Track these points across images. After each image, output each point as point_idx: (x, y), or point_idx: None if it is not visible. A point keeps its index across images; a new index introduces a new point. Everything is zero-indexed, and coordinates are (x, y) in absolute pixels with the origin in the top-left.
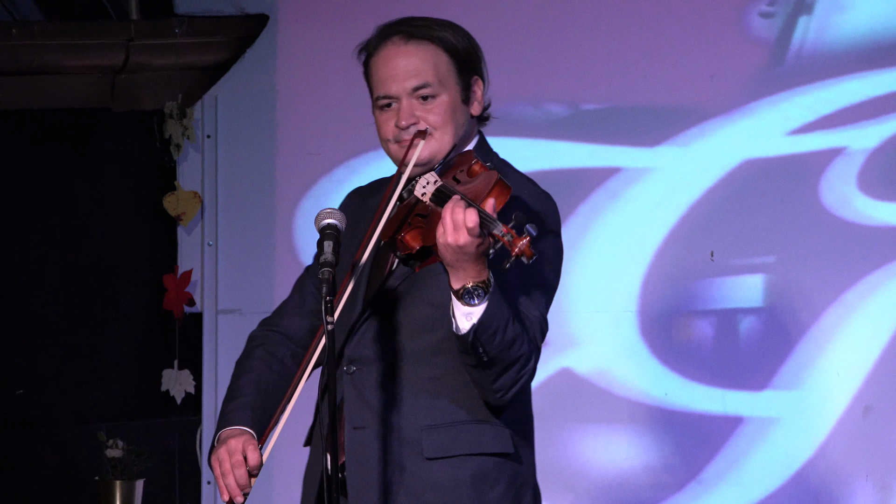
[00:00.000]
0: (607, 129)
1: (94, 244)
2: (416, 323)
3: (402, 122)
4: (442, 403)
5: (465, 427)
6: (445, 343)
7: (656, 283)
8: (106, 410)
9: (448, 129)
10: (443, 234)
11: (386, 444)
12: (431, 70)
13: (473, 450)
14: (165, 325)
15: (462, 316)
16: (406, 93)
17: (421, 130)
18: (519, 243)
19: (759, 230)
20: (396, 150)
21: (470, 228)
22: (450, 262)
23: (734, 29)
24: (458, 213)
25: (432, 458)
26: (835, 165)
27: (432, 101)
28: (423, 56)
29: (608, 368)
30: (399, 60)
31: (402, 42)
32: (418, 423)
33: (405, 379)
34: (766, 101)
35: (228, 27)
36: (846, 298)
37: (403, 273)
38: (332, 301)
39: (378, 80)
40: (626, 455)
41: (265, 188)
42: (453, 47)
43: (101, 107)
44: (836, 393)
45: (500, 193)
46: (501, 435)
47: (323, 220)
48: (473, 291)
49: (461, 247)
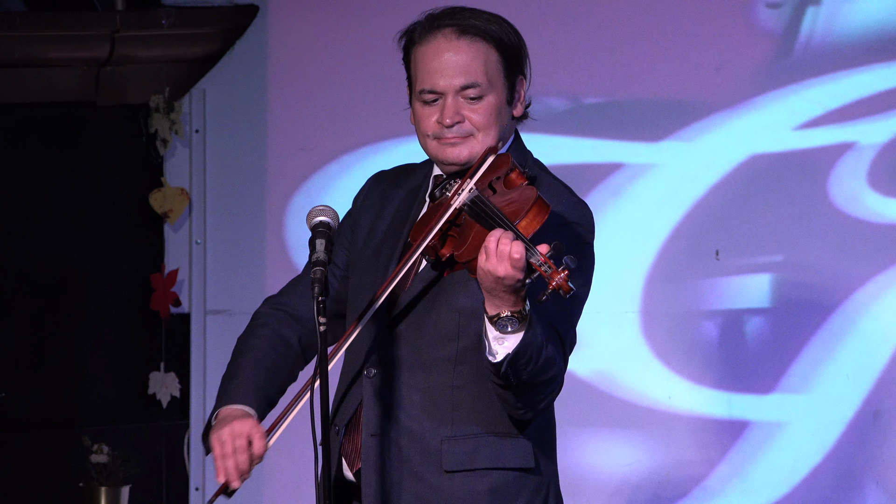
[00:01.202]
0: (609, 124)
1: (78, 243)
2: (442, 330)
3: (446, 119)
4: (463, 414)
5: (485, 440)
6: (469, 353)
7: (660, 283)
8: (90, 414)
9: (492, 132)
10: (484, 261)
11: (403, 454)
12: (482, 69)
13: (494, 464)
14: (152, 327)
15: (494, 340)
16: (453, 90)
17: (492, 147)
18: (557, 277)
19: (766, 228)
20: (435, 147)
21: (515, 261)
22: (487, 288)
23: (740, 20)
24: (505, 244)
25: (451, 471)
26: (844, 161)
27: (479, 101)
28: (475, 54)
29: (610, 371)
30: (450, 55)
31: (455, 36)
32: (438, 433)
33: (426, 387)
34: (774, 95)
35: (217, 18)
36: (856, 298)
37: (429, 277)
38: (324, 301)
39: (424, 73)
40: (628, 461)
41: (255, 184)
42: (504, 46)
43: (85, 100)
44: (846, 396)
45: (539, 213)
46: (523, 449)
47: (315, 217)
48: (508, 320)
49: (501, 277)
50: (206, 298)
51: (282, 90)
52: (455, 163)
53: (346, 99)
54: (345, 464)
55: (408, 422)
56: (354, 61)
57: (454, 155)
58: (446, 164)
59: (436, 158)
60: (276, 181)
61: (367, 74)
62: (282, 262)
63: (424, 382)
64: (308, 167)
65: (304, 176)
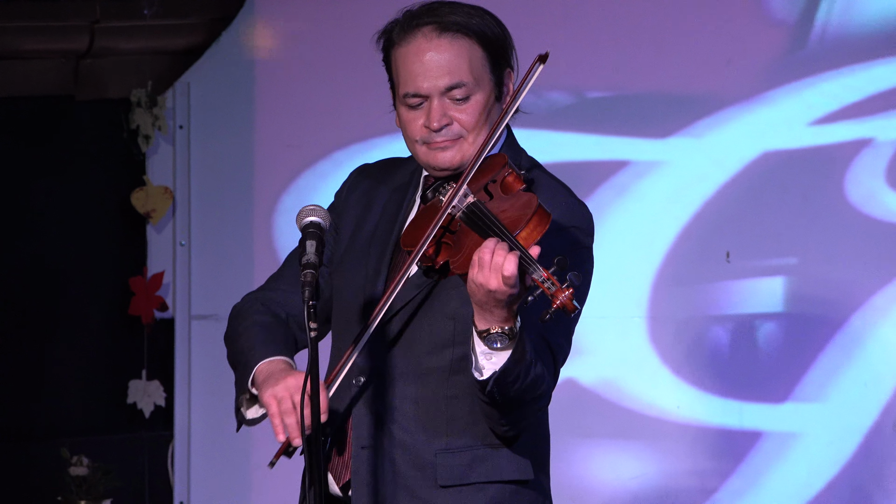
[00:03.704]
0: (614, 119)
1: (55, 244)
2: (435, 338)
3: (433, 123)
4: (458, 426)
5: (481, 452)
6: (465, 361)
7: (667, 287)
8: (69, 425)
9: (482, 132)
10: (476, 273)
11: (396, 467)
12: (466, 67)
13: (490, 477)
14: (133, 333)
15: (482, 355)
16: (438, 92)
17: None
18: (561, 295)
19: (779, 229)
20: (425, 153)
21: (506, 277)
22: (478, 301)
23: (752, 9)
24: (499, 256)
25: (446, 486)
26: (861, 158)
27: (466, 101)
28: (458, 51)
29: (615, 379)
30: (432, 55)
31: (435, 35)
32: (432, 446)
33: (420, 397)
34: (787, 89)
35: (202, 7)
36: (874, 303)
37: (422, 282)
38: (315, 306)
39: (406, 76)
40: (635, 473)
41: (242, 183)
42: (488, 39)
43: (63, 94)
44: (863, 406)
45: (540, 223)
46: (519, 460)
47: (305, 217)
48: (498, 336)
49: (493, 291)
50: (191, 303)
51: (270, 84)
52: (448, 168)
53: (338, 93)
54: (331, 477)
55: (400, 434)
56: (346, 54)
57: (446, 160)
58: (437, 170)
59: (425, 164)
60: (265, 180)
61: (359, 68)
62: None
63: (418, 392)
64: (298, 165)
65: (294, 174)
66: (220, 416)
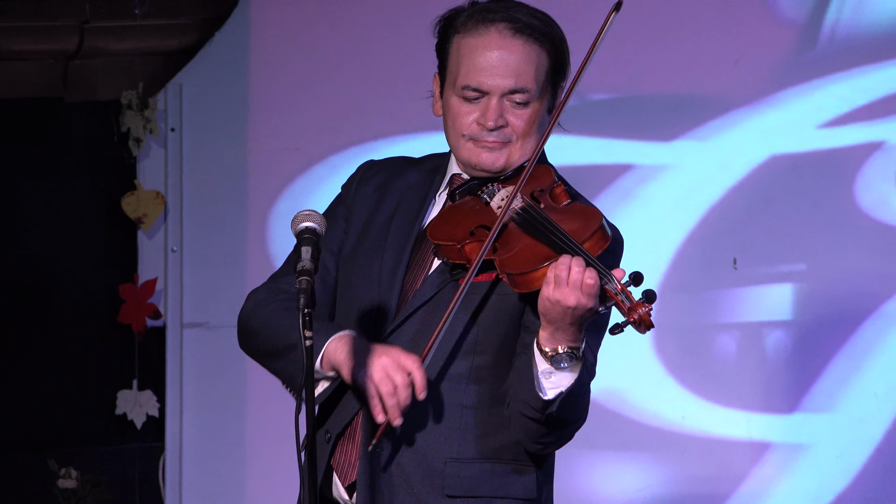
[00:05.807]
0: (618, 122)
1: (43, 251)
2: (457, 342)
3: (489, 122)
4: (470, 437)
5: (491, 466)
6: (484, 371)
7: (673, 294)
8: (57, 436)
9: (531, 140)
10: (552, 290)
11: (403, 472)
12: (532, 74)
13: (497, 493)
14: (123, 341)
15: (542, 375)
16: (500, 92)
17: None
18: (640, 309)
19: (788, 234)
20: (470, 149)
21: (588, 289)
22: (552, 318)
23: (760, 9)
24: (577, 271)
25: (452, 496)
26: (872, 161)
27: (525, 107)
28: (528, 56)
29: (619, 389)
30: (503, 54)
31: (509, 34)
32: (442, 454)
33: (434, 403)
34: (796, 91)
35: (195, 7)
36: (885, 310)
37: (443, 280)
38: (310, 314)
39: (470, 68)
40: (639, 486)
41: (236, 187)
42: (557, 51)
43: (52, 96)
44: (874, 416)
45: (602, 238)
46: (529, 479)
47: (300, 223)
48: (566, 356)
49: (572, 308)
50: (183, 310)
51: (265, 86)
52: (489, 170)
53: (335, 95)
54: (336, 477)
55: (411, 439)
56: (344, 54)
57: (490, 161)
58: (477, 170)
59: (467, 161)
60: (259, 184)
61: (357, 69)
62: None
63: (433, 398)
64: (293, 169)
65: (289, 178)
66: (213, 428)
